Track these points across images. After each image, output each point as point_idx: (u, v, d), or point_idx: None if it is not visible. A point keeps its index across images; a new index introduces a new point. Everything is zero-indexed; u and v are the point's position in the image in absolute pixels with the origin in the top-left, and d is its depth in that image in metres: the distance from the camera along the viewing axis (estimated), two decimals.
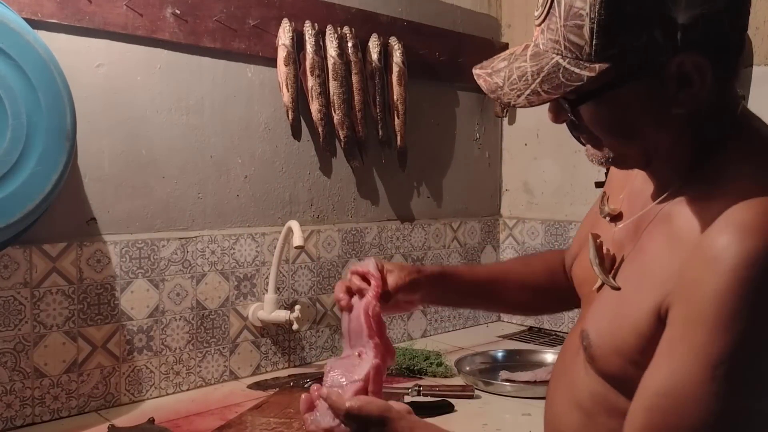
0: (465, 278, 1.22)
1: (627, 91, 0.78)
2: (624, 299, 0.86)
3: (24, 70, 1.30)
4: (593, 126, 0.83)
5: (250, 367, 1.90)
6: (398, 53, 2.12)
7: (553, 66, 0.78)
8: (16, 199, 1.31)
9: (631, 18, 0.73)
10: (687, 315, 0.73)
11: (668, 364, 0.74)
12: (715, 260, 0.71)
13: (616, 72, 0.75)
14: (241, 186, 1.88)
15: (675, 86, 0.76)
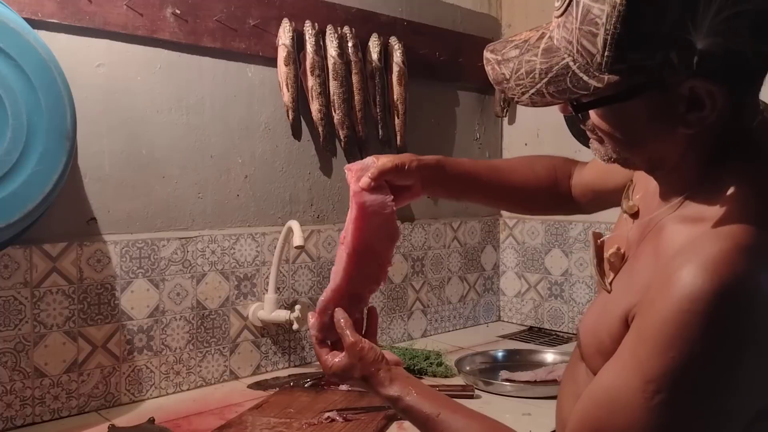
0: (465, 166, 1.25)
1: (635, 104, 0.77)
2: (609, 302, 0.88)
3: (24, 70, 1.30)
4: (599, 128, 0.83)
5: (250, 367, 1.90)
6: (398, 53, 2.12)
7: (562, 68, 0.77)
8: (16, 199, 1.31)
9: (647, 37, 0.71)
10: (639, 329, 0.76)
11: (615, 366, 0.78)
12: (671, 285, 0.72)
13: (626, 86, 0.74)
14: (242, 186, 1.88)
15: (684, 107, 0.75)
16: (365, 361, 1.04)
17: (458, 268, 2.49)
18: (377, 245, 1.15)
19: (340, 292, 1.10)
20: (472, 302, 2.54)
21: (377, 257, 1.14)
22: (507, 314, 2.64)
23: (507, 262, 2.64)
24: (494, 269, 2.63)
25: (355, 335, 1.06)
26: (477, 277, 2.56)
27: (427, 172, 1.21)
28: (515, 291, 2.61)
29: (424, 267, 2.36)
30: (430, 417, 0.99)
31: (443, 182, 1.26)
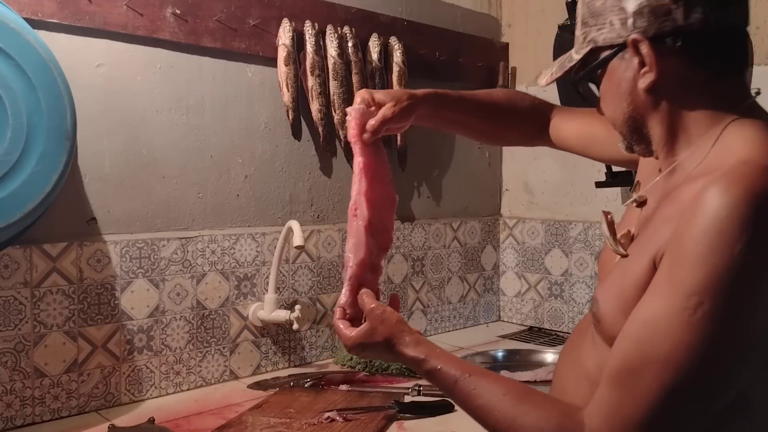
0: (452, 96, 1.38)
1: (610, 69, 0.97)
2: (629, 264, 0.94)
3: (24, 70, 1.30)
4: (600, 102, 1.03)
5: (250, 367, 1.90)
6: (398, 53, 2.12)
7: (565, 56, 1.04)
8: (16, 199, 1.31)
9: (596, 12, 0.95)
10: (672, 257, 0.82)
11: (651, 299, 0.83)
12: (700, 208, 0.80)
13: (597, 54, 0.97)
14: (242, 186, 1.89)
15: (638, 65, 0.93)
16: (388, 322, 1.06)
17: (458, 268, 2.49)
18: (382, 212, 1.22)
19: (365, 264, 1.16)
20: (472, 302, 2.54)
21: (383, 223, 1.21)
22: (507, 314, 2.65)
23: (507, 262, 2.64)
24: (494, 269, 2.63)
25: (376, 302, 1.09)
26: (477, 277, 2.56)
27: (420, 109, 1.30)
28: (515, 291, 2.61)
29: (424, 267, 2.36)
30: (458, 378, 0.99)
31: (437, 116, 1.38)
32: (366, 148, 1.22)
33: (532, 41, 2.52)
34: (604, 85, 1.00)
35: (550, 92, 2.40)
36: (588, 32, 0.97)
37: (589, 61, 0.99)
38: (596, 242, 2.36)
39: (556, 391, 1.08)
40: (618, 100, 0.98)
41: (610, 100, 1.00)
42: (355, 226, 1.21)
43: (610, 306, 0.94)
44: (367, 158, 1.22)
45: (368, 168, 1.22)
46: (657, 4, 0.89)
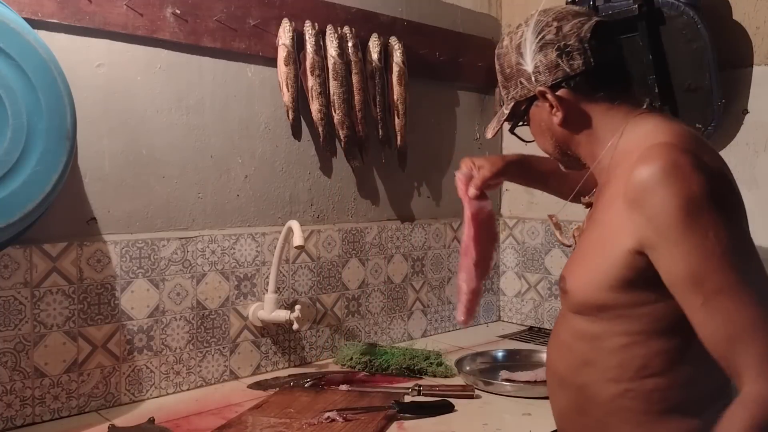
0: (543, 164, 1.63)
1: (531, 115, 1.28)
2: (589, 250, 1.20)
3: (24, 70, 1.30)
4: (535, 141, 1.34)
5: (250, 367, 1.90)
6: (398, 53, 2.12)
7: (500, 112, 1.35)
8: (16, 199, 1.31)
9: (508, 76, 1.28)
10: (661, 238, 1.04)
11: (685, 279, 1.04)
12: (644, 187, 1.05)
13: (519, 106, 1.28)
14: (242, 186, 1.89)
15: (549, 106, 1.23)
16: None
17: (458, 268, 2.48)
18: (487, 248, 1.58)
19: (474, 291, 1.59)
20: None
21: (486, 257, 1.58)
22: (507, 314, 2.64)
23: (507, 262, 2.64)
24: (494, 269, 2.63)
25: None
26: None
27: (512, 170, 1.64)
28: (515, 291, 2.61)
29: (424, 267, 2.36)
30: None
31: (522, 176, 1.70)
32: (472, 201, 1.59)
33: None
34: (531, 127, 1.31)
35: None
36: (508, 92, 1.29)
37: (515, 112, 1.29)
38: None
39: (547, 359, 1.33)
40: (544, 136, 1.29)
41: (539, 137, 1.31)
42: (466, 263, 1.60)
43: (577, 280, 1.20)
44: (473, 210, 1.58)
45: (475, 218, 1.57)
46: (547, 62, 1.20)
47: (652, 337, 1.14)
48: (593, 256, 1.17)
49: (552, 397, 1.32)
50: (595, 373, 1.19)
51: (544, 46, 1.20)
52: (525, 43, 1.22)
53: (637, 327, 1.14)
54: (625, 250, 1.10)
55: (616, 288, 1.13)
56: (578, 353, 1.22)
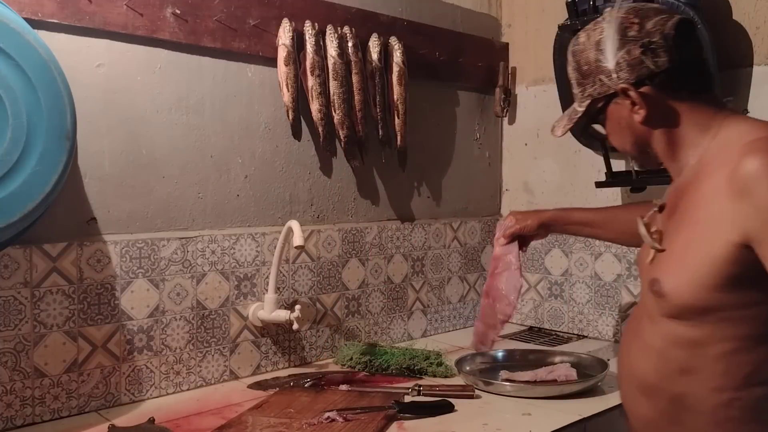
0: (575, 218, 1.74)
1: (609, 113, 1.27)
2: (687, 248, 1.14)
3: (24, 70, 1.30)
4: (609, 139, 1.33)
5: (250, 367, 1.90)
6: (398, 53, 2.12)
7: (571, 110, 1.33)
8: (16, 199, 1.31)
9: (585, 73, 1.26)
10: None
11: None
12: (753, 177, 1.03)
13: (596, 103, 1.27)
14: (242, 186, 1.88)
15: (629, 105, 1.22)
16: None
17: (458, 268, 2.49)
18: (503, 292, 1.68)
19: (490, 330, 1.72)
20: (472, 302, 2.54)
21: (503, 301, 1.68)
22: None
23: None
24: None
25: None
26: (477, 277, 2.56)
27: (546, 226, 1.73)
28: None
29: (424, 267, 2.36)
30: None
31: (559, 230, 1.80)
32: (500, 247, 1.73)
33: (532, 41, 2.52)
34: (607, 125, 1.29)
35: (551, 93, 2.41)
36: (584, 90, 1.27)
37: (590, 110, 1.28)
38: (596, 242, 2.36)
39: (625, 366, 1.30)
40: (622, 134, 1.28)
41: (616, 135, 1.30)
42: (486, 303, 1.71)
43: (676, 281, 1.14)
44: (496, 253, 1.74)
45: (496, 259, 1.73)
46: (631, 59, 1.18)
47: (762, 342, 1.09)
48: (693, 256, 1.12)
49: (632, 405, 1.27)
50: (697, 381, 1.13)
51: (628, 42, 1.18)
52: (606, 40, 1.20)
53: (745, 331, 1.09)
54: (729, 245, 1.06)
55: (722, 287, 1.08)
56: (675, 361, 1.16)
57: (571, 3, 2.08)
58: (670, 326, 1.16)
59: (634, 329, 1.28)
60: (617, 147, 1.32)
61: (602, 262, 2.35)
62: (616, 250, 2.31)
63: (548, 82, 2.43)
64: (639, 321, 1.26)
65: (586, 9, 2.07)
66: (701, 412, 1.14)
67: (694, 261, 1.11)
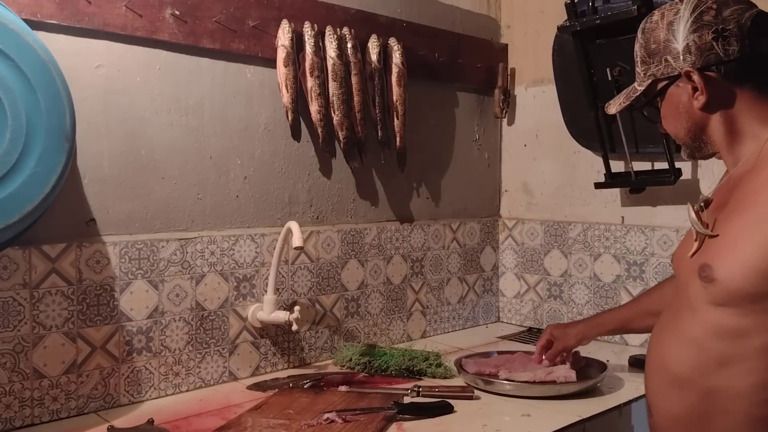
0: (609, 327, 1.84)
1: (669, 95, 1.26)
2: (742, 233, 1.12)
3: (23, 71, 1.30)
4: (663, 122, 1.31)
5: (249, 368, 1.90)
6: (397, 54, 2.12)
7: (631, 88, 1.33)
8: (15, 200, 1.31)
9: (653, 52, 1.25)
10: None
11: None
12: None
13: (657, 84, 1.26)
14: (241, 187, 1.88)
15: (691, 89, 1.21)
16: None
17: (457, 269, 2.49)
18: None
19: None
20: (471, 303, 2.54)
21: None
22: (506, 315, 2.64)
23: (506, 263, 2.64)
24: (493, 270, 2.63)
25: None
26: (476, 278, 2.56)
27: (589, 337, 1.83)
28: (514, 292, 2.61)
29: (423, 268, 2.36)
30: None
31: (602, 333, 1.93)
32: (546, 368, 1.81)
33: (532, 42, 2.52)
34: (664, 108, 1.28)
35: (550, 94, 2.41)
36: (648, 69, 1.26)
37: (650, 90, 1.27)
38: (595, 243, 2.36)
39: (656, 359, 1.26)
40: (678, 119, 1.26)
41: (671, 119, 1.28)
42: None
43: (730, 266, 1.11)
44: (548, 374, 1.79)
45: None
46: (701, 43, 1.17)
47: None
48: (749, 240, 1.09)
49: (660, 400, 1.24)
50: (735, 375, 1.10)
51: (701, 26, 1.17)
52: (679, 21, 1.19)
53: None
54: None
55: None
56: (714, 351, 1.13)
57: (570, 4, 2.08)
58: (714, 315, 1.13)
59: (669, 322, 1.25)
60: (671, 132, 1.30)
61: (601, 263, 2.35)
62: (615, 251, 2.31)
63: (547, 83, 2.43)
64: (676, 314, 1.24)
65: (585, 10, 2.08)
66: (734, 411, 1.10)
67: (749, 246, 1.09)
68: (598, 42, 2.07)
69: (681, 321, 1.21)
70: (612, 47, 2.03)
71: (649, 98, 1.28)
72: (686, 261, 1.23)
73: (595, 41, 2.07)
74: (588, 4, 2.06)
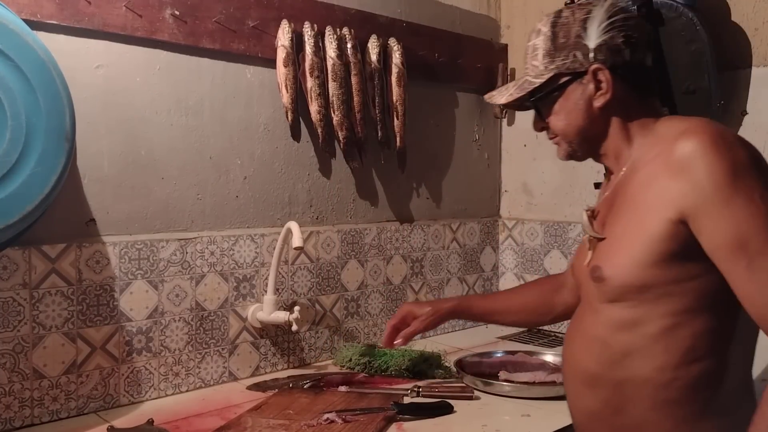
0: (476, 309, 1.73)
1: (568, 91, 1.26)
2: (624, 232, 1.19)
3: (23, 71, 1.30)
4: (552, 121, 1.30)
5: (249, 368, 1.90)
6: (397, 54, 2.12)
7: (522, 80, 1.31)
8: (15, 200, 1.31)
9: (560, 46, 1.24)
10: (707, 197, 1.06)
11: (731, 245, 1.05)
12: (690, 156, 1.08)
13: (558, 79, 1.25)
14: (241, 187, 1.88)
15: (594, 88, 1.23)
16: None
17: (457, 269, 2.49)
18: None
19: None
20: None
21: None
22: None
23: (506, 263, 2.64)
24: (493, 270, 2.63)
25: None
26: (476, 278, 2.56)
27: (447, 316, 1.72)
28: None
29: (423, 268, 2.36)
30: None
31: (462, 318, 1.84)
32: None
33: None
34: (559, 104, 1.28)
35: None
36: (551, 62, 1.25)
37: (548, 84, 1.26)
38: None
39: (569, 362, 1.31)
40: (573, 116, 1.27)
41: (565, 116, 1.28)
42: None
43: (615, 263, 1.18)
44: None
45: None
46: (613, 44, 1.21)
47: (698, 316, 1.13)
48: (630, 238, 1.17)
49: (576, 400, 1.30)
50: (639, 363, 1.17)
51: (615, 29, 1.22)
52: (593, 20, 1.23)
53: (683, 305, 1.13)
54: (665, 222, 1.11)
55: (660, 263, 1.12)
56: (617, 346, 1.19)
57: (569, 4, 2.08)
58: (611, 311, 1.20)
59: (577, 326, 1.32)
60: (560, 128, 1.30)
61: None
62: None
63: None
64: (581, 317, 1.31)
65: None
66: (642, 397, 1.17)
67: (631, 242, 1.16)
68: None
69: (585, 322, 1.28)
70: None
71: (545, 92, 1.27)
72: (582, 267, 1.30)
73: None
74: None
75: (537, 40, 1.28)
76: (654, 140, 1.22)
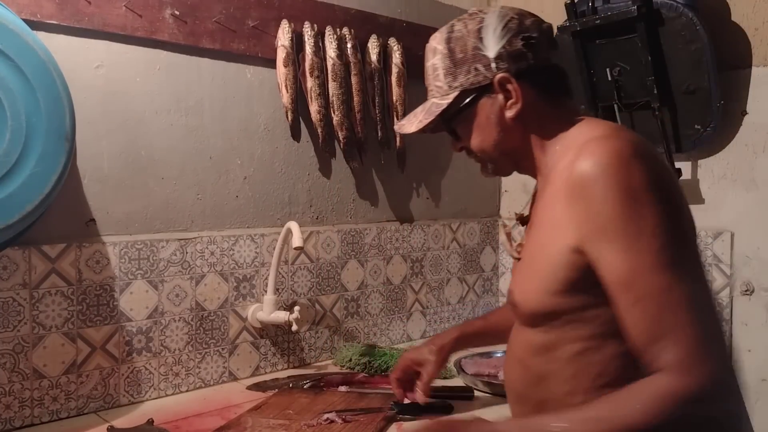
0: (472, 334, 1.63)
1: (478, 107, 1.18)
2: (534, 255, 1.16)
3: (23, 72, 1.30)
4: (468, 140, 1.22)
5: (249, 368, 1.90)
6: (397, 54, 2.12)
7: (429, 105, 1.23)
8: (15, 200, 1.31)
9: (459, 61, 1.17)
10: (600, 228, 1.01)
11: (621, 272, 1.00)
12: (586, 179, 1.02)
13: (465, 96, 1.18)
14: (241, 187, 1.88)
15: (503, 98, 1.16)
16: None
17: (457, 269, 2.49)
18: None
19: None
20: (471, 303, 2.54)
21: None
22: None
23: (506, 263, 2.63)
24: (493, 270, 2.63)
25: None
26: (476, 278, 2.56)
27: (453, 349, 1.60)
28: None
29: (423, 268, 2.36)
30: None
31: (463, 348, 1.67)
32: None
33: None
34: (472, 123, 1.20)
35: None
36: (454, 79, 1.18)
37: (456, 104, 1.19)
38: None
39: (505, 380, 1.30)
40: (488, 131, 1.19)
41: (480, 133, 1.20)
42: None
43: (524, 290, 1.17)
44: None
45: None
46: (512, 49, 1.15)
47: (606, 341, 1.09)
48: (539, 262, 1.13)
49: (512, 415, 1.30)
50: (553, 386, 1.15)
51: (509, 33, 1.15)
52: (487, 28, 1.16)
53: (590, 331, 1.10)
54: (566, 250, 1.06)
55: (562, 292, 1.08)
56: (534, 368, 1.18)
57: (570, 4, 2.08)
58: (527, 334, 1.18)
59: (509, 345, 1.29)
60: (476, 146, 1.21)
61: None
62: None
63: None
64: (512, 337, 1.28)
65: (585, 10, 2.07)
66: None
67: (539, 267, 1.12)
68: (598, 42, 2.07)
69: (513, 343, 1.26)
70: (612, 48, 2.03)
71: (454, 112, 1.19)
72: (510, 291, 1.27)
73: (595, 41, 2.07)
74: (588, 5, 2.06)
75: (435, 59, 1.22)
76: (563, 149, 1.15)
